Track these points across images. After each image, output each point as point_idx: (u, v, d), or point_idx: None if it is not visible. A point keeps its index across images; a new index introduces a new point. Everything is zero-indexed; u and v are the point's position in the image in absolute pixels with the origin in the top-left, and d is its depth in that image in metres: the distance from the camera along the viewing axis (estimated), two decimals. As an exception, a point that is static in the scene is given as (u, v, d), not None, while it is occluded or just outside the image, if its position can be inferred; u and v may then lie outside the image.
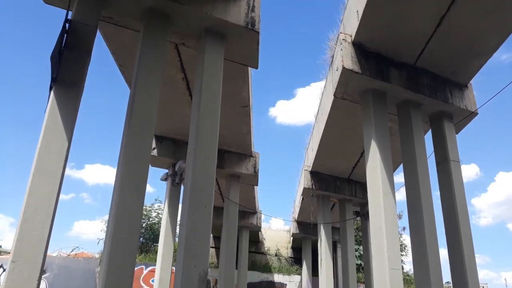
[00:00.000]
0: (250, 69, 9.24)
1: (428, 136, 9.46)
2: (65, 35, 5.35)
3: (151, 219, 23.03)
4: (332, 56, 9.16)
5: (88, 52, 5.59)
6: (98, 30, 6.38)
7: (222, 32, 6.82)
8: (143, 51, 6.07)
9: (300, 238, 23.49)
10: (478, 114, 9.22)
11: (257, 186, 15.96)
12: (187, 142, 6.43)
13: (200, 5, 6.39)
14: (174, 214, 12.74)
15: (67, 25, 5.41)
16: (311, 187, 14.90)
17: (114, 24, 6.73)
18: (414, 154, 8.26)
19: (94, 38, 5.76)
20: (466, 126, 9.58)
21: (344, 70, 7.94)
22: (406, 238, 27.50)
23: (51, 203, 4.65)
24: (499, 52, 7.96)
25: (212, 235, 19.36)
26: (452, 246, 8.20)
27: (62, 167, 4.87)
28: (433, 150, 9.21)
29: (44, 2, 6.13)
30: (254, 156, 13.97)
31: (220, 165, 12.96)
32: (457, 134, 9.37)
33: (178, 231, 13.32)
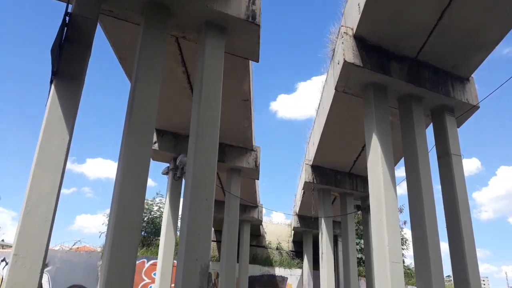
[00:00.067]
0: (251, 62, 9.21)
1: (429, 130, 9.44)
2: (65, 28, 5.34)
3: (152, 213, 23.08)
4: (334, 49, 9.11)
5: (88, 46, 5.58)
6: (98, 23, 6.35)
7: (222, 25, 6.78)
8: (143, 45, 6.04)
9: (301, 232, 23.54)
10: (479, 107, 9.19)
11: (258, 180, 16.00)
12: (188, 136, 6.42)
13: (201, -2, 6.35)
14: (176, 208, 12.77)
15: (67, 18, 5.39)
16: (312, 181, 14.90)
17: (115, 18, 6.69)
18: (415, 147, 8.25)
19: (94, 31, 5.74)
20: (467, 120, 9.56)
21: (346, 64, 7.90)
22: (407, 232, 27.60)
23: (52, 197, 4.66)
24: (500, 46, 7.93)
25: (213, 229, 19.42)
26: (453, 240, 8.22)
27: (63, 160, 4.87)
28: (434, 143, 9.20)
29: (45, -5, 6.11)
30: (255, 150, 13.97)
31: (221, 159, 12.95)
32: (458, 128, 9.34)
33: (179, 224, 13.36)
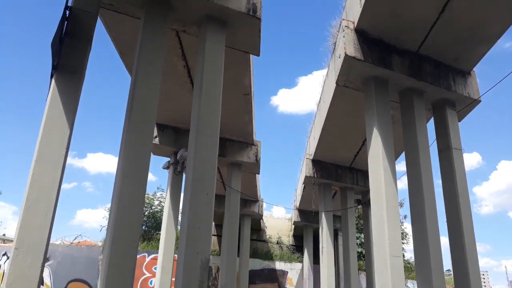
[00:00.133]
0: (251, 56, 9.17)
1: (430, 124, 9.41)
2: (65, 22, 5.31)
3: (153, 207, 23.11)
4: (335, 43, 9.07)
5: (88, 40, 5.55)
6: (99, 17, 6.32)
7: (223, 19, 6.74)
8: (144, 39, 6.01)
9: (301, 226, 23.59)
10: (481, 101, 9.15)
11: (258, 174, 16.01)
12: (188, 130, 6.41)
13: (201, -9, 6.31)
14: (176, 202, 12.79)
15: (67, 12, 5.36)
16: (312, 176, 14.90)
17: (115, 11, 6.65)
18: (416, 142, 8.23)
19: (94, 26, 5.71)
20: (468, 114, 9.54)
21: (347, 57, 7.86)
22: (408, 226, 27.64)
23: (53, 191, 4.67)
24: (502, 40, 7.89)
25: (214, 223, 19.48)
26: (453, 234, 8.23)
27: (64, 154, 4.87)
28: (435, 138, 9.18)
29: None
30: (255, 145, 13.96)
31: (222, 153, 12.95)
32: (459, 122, 9.31)
33: (180, 219, 13.39)
